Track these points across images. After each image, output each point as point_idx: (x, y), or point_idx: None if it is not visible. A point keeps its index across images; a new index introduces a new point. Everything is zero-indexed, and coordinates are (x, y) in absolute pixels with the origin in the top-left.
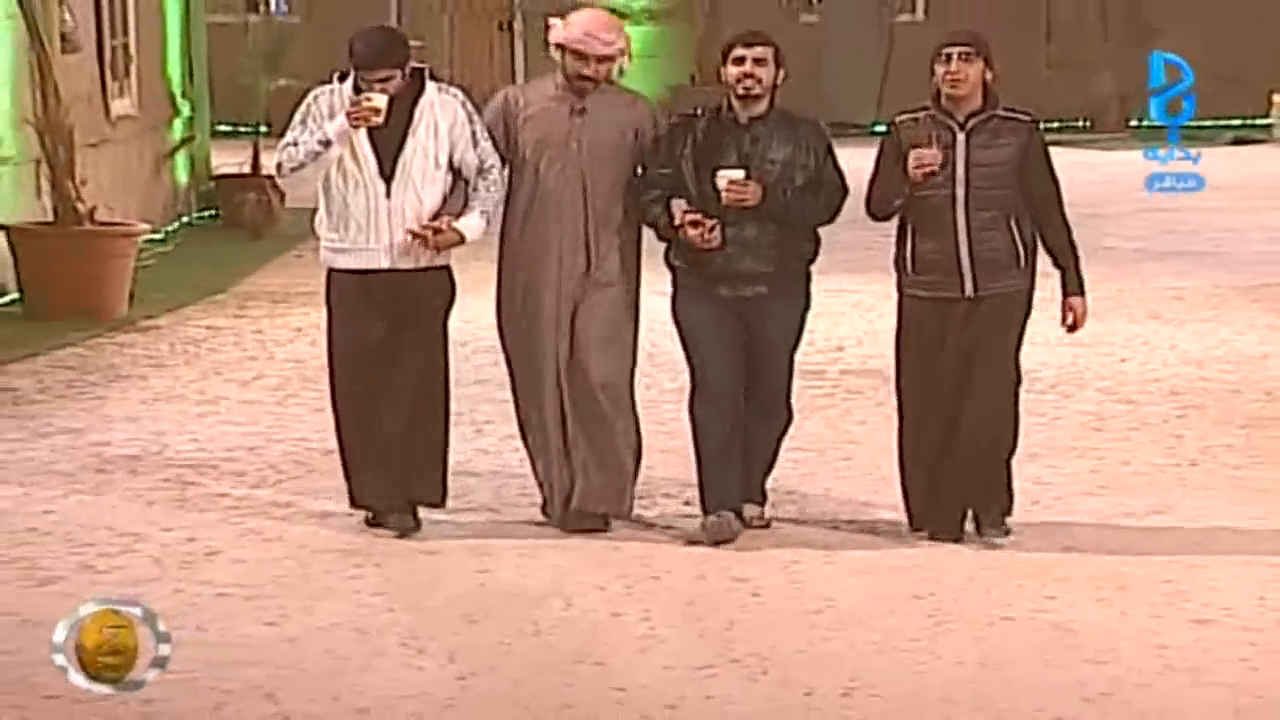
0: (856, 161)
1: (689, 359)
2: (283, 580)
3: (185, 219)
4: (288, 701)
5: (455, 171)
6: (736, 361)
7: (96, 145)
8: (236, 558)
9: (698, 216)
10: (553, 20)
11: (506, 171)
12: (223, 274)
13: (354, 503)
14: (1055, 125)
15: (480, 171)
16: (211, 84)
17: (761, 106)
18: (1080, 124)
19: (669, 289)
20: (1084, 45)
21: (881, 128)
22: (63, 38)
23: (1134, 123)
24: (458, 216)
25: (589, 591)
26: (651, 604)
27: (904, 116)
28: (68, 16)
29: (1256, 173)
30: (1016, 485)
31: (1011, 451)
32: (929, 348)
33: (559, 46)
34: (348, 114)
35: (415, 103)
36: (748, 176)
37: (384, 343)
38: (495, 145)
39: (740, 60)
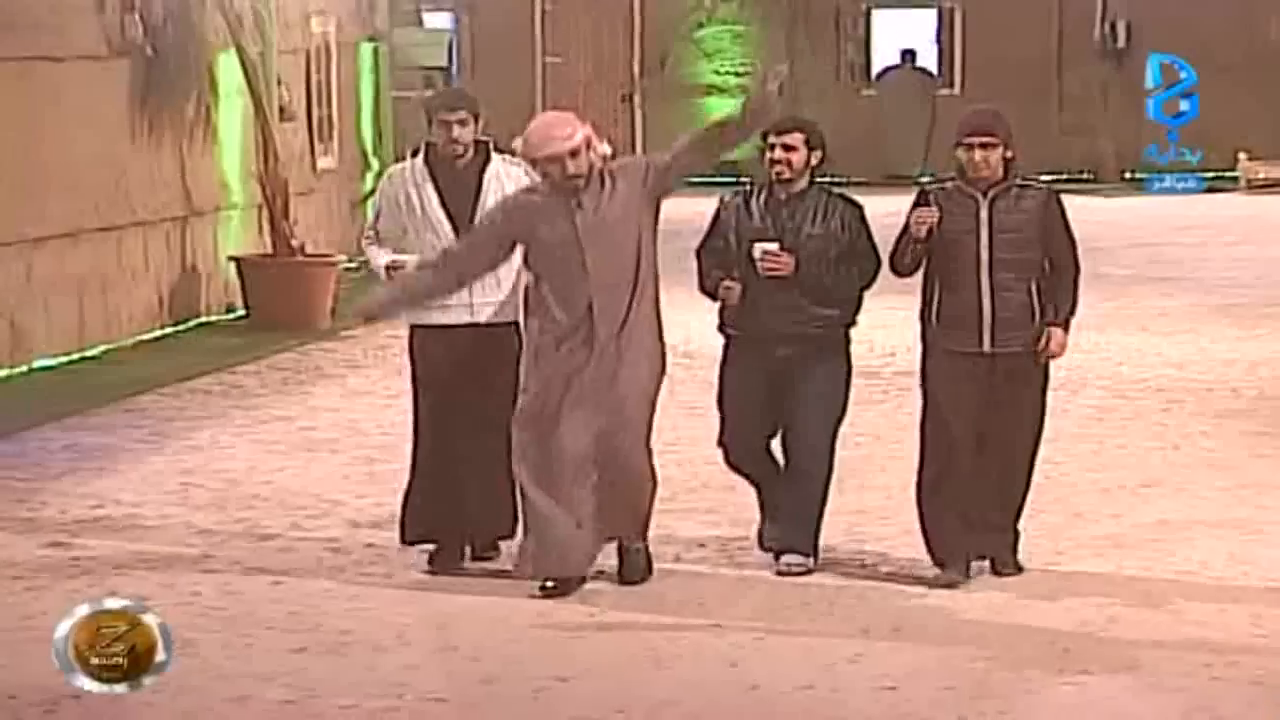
0: (905, 204)
1: (720, 415)
2: None
3: None
4: (456, 630)
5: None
6: (761, 424)
7: (305, 194)
8: None
9: (730, 281)
10: (515, 143)
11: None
12: None
13: (404, 538)
14: (1064, 177)
15: None
16: (396, 144)
17: (799, 185)
18: (1084, 176)
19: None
20: (1088, 113)
21: (926, 178)
22: (280, 109)
23: (1128, 175)
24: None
25: (691, 549)
26: (742, 561)
27: (932, 187)
28: (285, 92)
29: (1226, 214)
30: (1028, 499)
31: (1019, 509)
32: (950, 401)
33: (531, 162)
34: (386, 270)
35: (483, 171)
36: (782, 248)
37: (465, 394)
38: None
39: (771, 147)
